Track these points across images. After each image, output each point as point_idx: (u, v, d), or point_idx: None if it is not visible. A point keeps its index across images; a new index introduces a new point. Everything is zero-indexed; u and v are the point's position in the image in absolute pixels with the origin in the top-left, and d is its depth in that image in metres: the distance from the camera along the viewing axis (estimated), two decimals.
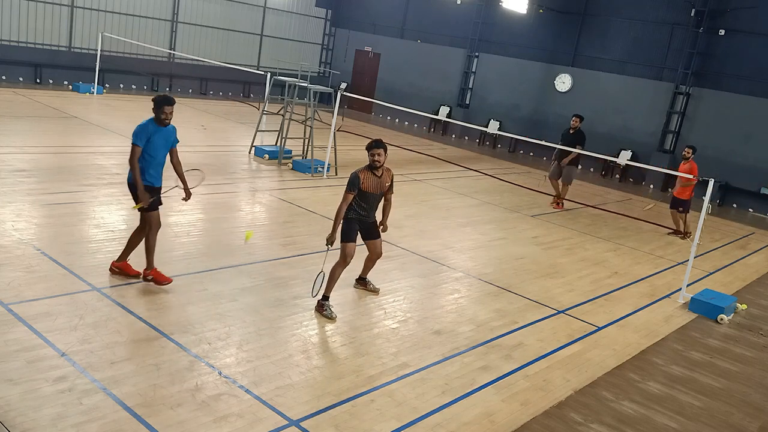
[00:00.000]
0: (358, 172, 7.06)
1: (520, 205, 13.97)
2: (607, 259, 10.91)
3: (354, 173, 7.06)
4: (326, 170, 13.84)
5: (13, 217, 8.37)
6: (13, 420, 4.47)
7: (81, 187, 10.31)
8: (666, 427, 5.85)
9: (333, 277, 7.10)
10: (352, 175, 7.04)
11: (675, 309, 9.00)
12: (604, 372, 6.72)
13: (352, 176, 7.03)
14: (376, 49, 26.70)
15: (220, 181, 12.12)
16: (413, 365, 6.18)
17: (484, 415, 5.52)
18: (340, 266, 7.12)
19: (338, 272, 7.12)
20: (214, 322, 6.39)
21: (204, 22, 23.93)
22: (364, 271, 7.84)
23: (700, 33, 18.60)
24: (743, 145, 18.17)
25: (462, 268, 9.28)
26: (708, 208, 9.36)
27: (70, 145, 13.38)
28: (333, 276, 7.10)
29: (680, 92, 19.17)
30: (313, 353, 6.12)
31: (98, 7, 21.20)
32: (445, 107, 24.24)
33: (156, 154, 6.89)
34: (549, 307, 8.30)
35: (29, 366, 5.13)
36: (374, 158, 7.04)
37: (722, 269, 11.52)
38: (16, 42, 19.83)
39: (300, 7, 26.70)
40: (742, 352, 7.90)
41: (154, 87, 22.91)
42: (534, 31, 22.18)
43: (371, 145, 7.10)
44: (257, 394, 5.27)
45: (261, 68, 24.08)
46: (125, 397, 4.93)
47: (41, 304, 6.16)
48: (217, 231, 9.31)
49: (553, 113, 21.70)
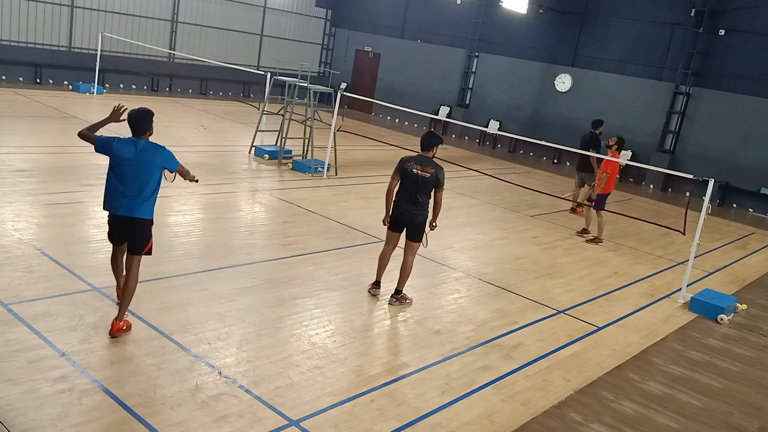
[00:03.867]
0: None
1: (520, 205, 13.97)
2: (607, 259, 10.91)
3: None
4: (326, 170, 13.84)
5: (13, 217, 8.37)
6: (13, 420, 4.47)
7: (81, 187, 10.31)
8: (666, 427, 5.85)
9: (409, 270, 7.57)
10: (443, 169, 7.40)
11: (675, 309, 9.00)
12: (604, 372, 6.72)
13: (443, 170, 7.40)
14: (376, 49, 26.70)
15: (220, 181, 12.12)
16: (413, 365, 6.18)
17: (484, 415, 5.52)
18: (414, 258, 7.62)
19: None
20: (214, 322, 6.39)
21: (204, 22, 23.93)
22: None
23: (700, 33, 18.60)
24: (743, 145, 18.17)
25: (462, 268, 9.29)
26: (708, 208, 9.35)
27: (70, 145, 13.36)
28: (410, 268, 7.57)
29: (680, 92, 19.17)
30: (313, 353, 6.12)
31: (98, 7, 21.20)
32: (445, 107, 24.24)
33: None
34: (549, 307, 8.30)
35: (29, 366, 5.13)
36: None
37: (722, 269, 11.52)
38: (16, 42, 19.83)
39: (300, 7, 26.70)
40: (742, 352, 7.90)
41: (154, 87, 22.91)
42: (534, 31, 22.18)
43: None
44: (257, 394, 5.27)
45: (261, 68, 24.07)
46: (125, 397, 4.93)
47: (41, 304, 6.16)
48: (217, 231, 9.31)
49: (553, 113, 21.71)
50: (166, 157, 5.95)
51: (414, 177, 7.23)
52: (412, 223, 7.41)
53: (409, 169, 7.26)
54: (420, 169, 7.22)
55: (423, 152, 7.36)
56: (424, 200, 7.32)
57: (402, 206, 7.38)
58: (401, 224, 7.49)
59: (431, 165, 7.25)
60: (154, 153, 5.87)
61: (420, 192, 7.26)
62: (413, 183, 7.25)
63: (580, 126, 18.47)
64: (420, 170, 7.21)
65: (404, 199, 7.36)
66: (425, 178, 7.20)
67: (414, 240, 7.51)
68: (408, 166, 7.27)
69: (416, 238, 7.50)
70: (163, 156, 5.93)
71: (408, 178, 7.28)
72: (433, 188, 7.29)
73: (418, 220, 7.39)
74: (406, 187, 7.32)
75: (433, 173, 7.21)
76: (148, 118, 5.97)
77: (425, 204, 7.35)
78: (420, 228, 7.45)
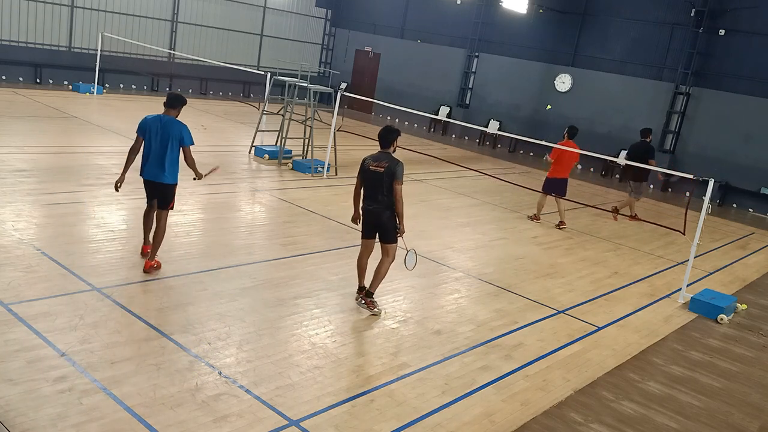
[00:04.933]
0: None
1: (520, 205, 13.97)
2: (607, 259, 10.91)
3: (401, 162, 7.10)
4: (326, 170, 13.84)
5: (13, 217, 8.37)
6: (13, 420, 4.47)
7: (81, 187, 10.31)
8: (666, 427, 5.85)
9: (383, 274, 7.28)
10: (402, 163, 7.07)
11: (675, 309, 9.00)
12: (604, 372, 6.72)
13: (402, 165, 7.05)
14: (376, 49, 26.70)
15: (220, 181, 12.11)
16: (413, 365, 6.18)
17: (484, 415, 5.52)
18: (390, 263, 7.32)
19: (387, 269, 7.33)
20: (214, 322, 6.39)
21: (204, 22, 23.93)
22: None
23: (700, 33, 18.60)
24: (743, 145, 18.17)
25: (462, 268, 9.29)
26: (708, 208, 9.35)
27: (70, 145, 13.38)
28: (384, 272, 7.28)
29: (680, 92, 19.18)
30: (313, 353, 6.12)
31: (98, 7, 21.20)
32: (445, 107, 24.24)
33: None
34: (549, 307, 8.30)
35: (29, 366, 5.13)
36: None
37: (722, 269, 11.52)
38: (16, 42, 19.83)
39: (300, 7, 26.70)
40: (742, 352, 7.90)
41: (154, 87, 22.91)
42: (534, 31, 22.18)
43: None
44: (257, 394, 5.27)
45: (261, 68, 24.07)
46: (125, 397, 4.93)
47: (41, 304, 6.16)
48: (217, 231, 9.31)
49: (553, 113, 21.71)
50: (183, 131, 7.19)
51: (371, 174, 7.02)
52: (379, 223, 7.14)
53: (367, 167, 7.07)
54: (375, 165, 6.99)
55: (382, 149, 7.13)
56: (385, 197, 6.99)
57: (367, 206, 7.17)
58: (372, 227, 7.23)
59: (386, 159, 6.99)
60: (173, 126, 7.16)
61: (379, 189, 6.99)
62: (371, 181, 7.03)
63: (580, 126, 18.43)
64: (375, 166, 6.99)
65: (367, 198, 7.16)
66: (380, 173, 6.94)
67: (387, 241, 7.20)
68: (366, 165, 7.09)
69: (388, 239, 7.19)
70: (180, 129, 7.18)
71: (367, 177, 7.08)
72: (392, 183, 6.94)
73: (384, 219, 7.08)
74: (367, 186, 7.12)
75: (387, 167, 6.93)
76: (178, 101, 7.28)
77: (388, 202, 7.01)
78: (389, 228, 7.13)
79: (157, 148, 7.11)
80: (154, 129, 7.10)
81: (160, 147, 7.10)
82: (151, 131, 7.11)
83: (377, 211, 7.08)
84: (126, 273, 7.22)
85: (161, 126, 7.10)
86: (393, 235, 7.18)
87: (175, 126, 7.14)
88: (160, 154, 7.11)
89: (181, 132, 7.14)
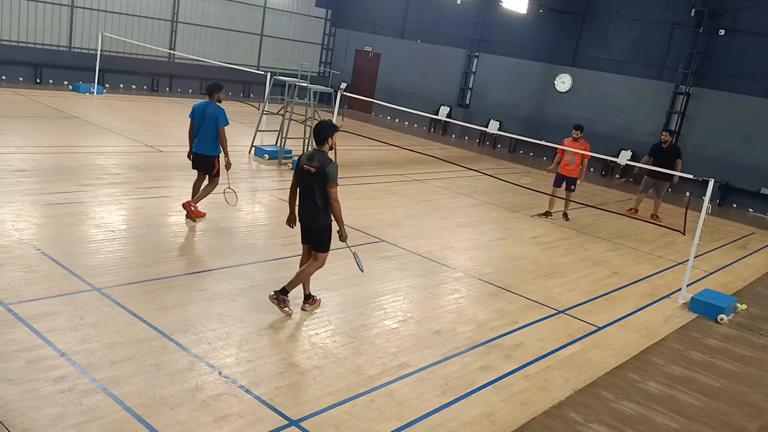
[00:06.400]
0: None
1: (520, 205, 13.97)
2: (607, 259, 10.91)
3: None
4: None
5: (13, 217, 8.37)
6: (13, 420, 4.47)
7: (81, 187, 10.31)
8: (666, 427, 5.85)
9: (304, 277, 6.89)
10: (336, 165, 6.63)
11: (675, 309, 9.00)
12: (604, 372, 6.72)
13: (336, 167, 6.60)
14: (376, 49, 26.69)
15: (220, 181, 12.10)
16: (413, 365, 6.18)
17: (484, 415, 5.52)
18: (317, 269, 6.92)
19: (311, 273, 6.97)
20: (214, 322, 6.39)
21: (204, 22, 23.93)
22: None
23: (700, 33, 18.60)
24: (743, 145, 18.17)
25: (462, 268, 9.29)
26: (708, 208, 9.35)
27: (70, 145, 13.37)
28: (306, 275, 6.89)
29: (680, 92, 19.18)
30: (312, 353, 6.12)
31: (98, 7, 21.20)
32: (445, 107, 24.24)
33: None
34: (549, 307, 8.30)
35: (29, 366, 5.13)
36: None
37: (722, 269, 11.52)
38: (16, 42, 19.83)
39: (300, 7, 26.70)
40: (742, 352, 7.90)
41: (154, 87, 22.91)
42: (534, 31, 22.18)
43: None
44: (257, 394, 5.27)
45: (261, 68, 24.07)
46: (125, 397, 4.93)
47: (41, 304, 6.16)
48: (216, 231, 9.31)
49: (554, 113, 21.71)
50: (219, 113, 8.94)
51: (305, 174, 6.58)
52: (312, 228, 6.72)
53: (301, 167, 6.64)
54: (308, 165, 6.55)
55: (317, 147, 6.64)
56: (320, 200, 6.56)
57: (302, 209, 6.75)
58: (307, 230, 6.83)
59: (319, 159, 6.51)
60: (212, 108, 8.98)
61: (312, 190, 6.56)
62: (304, 181, 6.62)
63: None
64: (308, 166, 6.55)
65: (302, 200, 6.71)
66: (311, 174, 6.50)
67: (316, 249, 6.77)
68: (301, 164, 6.65)
69: (318, 247, 6.75)
70: (217, 111, 8.95)
71: (301, 177, 6.64)
72: (325, 185, 6.49)
73: (318, 224, 6.66)
74: (302, 187, 6.69)
75: (318, 167, 6.46)
76: (214, 88, 9.12)
77: (323, 204, 6.59)
78: (321, 235, 6.70)
79: (200, 127, 9.03)
80: (199, 113, 9.00)
81: (203, 126, 8.99)
82: (197, 115, 9.03)
83: (311, 214, 6.66)
84: (126, 273, 7.22)
85: (204, 110, 8.98)
86: (325, 244, 6.76)
87: (213, 109, 8.96)
88: (203, 131, 9.02)
89: (216, 114, 8.94)
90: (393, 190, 13.67)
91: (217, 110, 8.95)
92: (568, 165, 12.72)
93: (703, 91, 18.94)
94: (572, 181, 12.87)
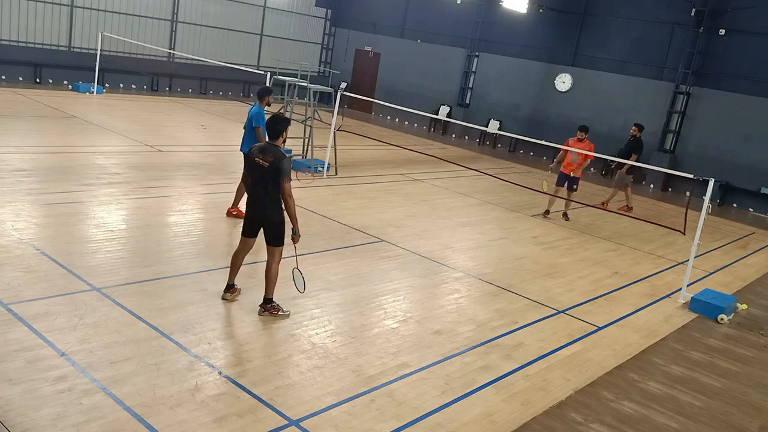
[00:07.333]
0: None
1: (520, 205, 13.97)
2: (607, 259, 10.91)
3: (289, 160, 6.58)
4: (326, 170, 13.84)
5: (13, 217, 8.36)
6: (13, 420, 4.46)
7: (81, 187, 10.31)
8: (666, 427, 5.85)
9: (273, 277, 6.78)
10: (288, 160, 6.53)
11: (675, 309, 9.00)
12: (604, 372, 6.72)
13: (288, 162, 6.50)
14: (376, 49, 26.69)
15: (220, 181, 12.12)
16: (413, 365, 6.18)
17: (484, 415, 5.52)
18: (278, 263, 6.77)
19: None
20: (214, 322, 6.39)
21: (204, 22, 23.92)
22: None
23: (700, 33, 18.59)
24: (743, 145, 18.17)
25: (462, 268, 9.28)
26: (708, 208, 9.35)
27: (70, 145, 13.37)
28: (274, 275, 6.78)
29: (680, 92, 19.17)
30: (313, 353, 6.11)
31: (98, 6, 21.19)
32: (445, 107, 24.24)
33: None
34: (549, 307, 8.30)
35: (29, 366, 5.13)
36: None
37: (722, 269, 11.51)
38: (16, 42, 19.82)
39: (300, 6, 26.69)
40: (742, 352, 7.90)
41: (153, 87, 22.90)
42: (534, 30, 22.17)
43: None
44: (257, 394, 5.27)
45: (261, 68, 24.06)
46: (125, 397, 4.93)
47: (41, 304, 6.16)
48: (216, 231, 9.31)
49: (554, 113, 21.71)
50: (255, 114, 9.54)
51: (258, 168, 6.47)
52: (265, 223, 6.61)
53: (253, 159, 6.53)
54: (261, 159, 6.44)
55: (270, 140, 6.59)
56: (274, 195, 6.47)
57: (253, 202, 6.64)
58: (254, 224, 6.71)
59: (272, 153, 6.42)
60: (252, 109, 9.68)
61: (265, 185, 6.46)
62: (258, 174, 6.51)
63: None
64: (261, 159, 6.44)
65: (252, 194, 6.64)
66: (264, 168, 6.40)
67: (272, 244, 6.66)
68: (252, 156, 6.55)
69: (273, 241, 6.65)
70: (253, 111, 9.60)
71: (254, 170, 6.55)
72: (278, 180, 6.39)
73: (272, 219, 6.57)
74: (254, 180, 6.59)
75: (272, 162, 6.37)
76: (262, 92, 9.87)
77: (275, 198, 6.49)
78: (276, 229, 6.62)
79: (246, 127, 9.75)
80: (248, 115, 9.74)
81: (248, 126, 9.69)
82: (247, 117, 9.77)
83: (262, 209, 6.57)
84: (126, 273, 7.22)
85: (249, 112, 9.71)
86: (279, 237, 6.66)
87: (253, 111, 9.60)
88: (247, 131, 9.72)
89: (253, 115, 9.53)
90: (393, 190, 13.67)
91: (257, 110, 9.59)
92: (571, 164, 12.73)
93: (703, 90, 18.93)
94: (574, 181, 12.88)
